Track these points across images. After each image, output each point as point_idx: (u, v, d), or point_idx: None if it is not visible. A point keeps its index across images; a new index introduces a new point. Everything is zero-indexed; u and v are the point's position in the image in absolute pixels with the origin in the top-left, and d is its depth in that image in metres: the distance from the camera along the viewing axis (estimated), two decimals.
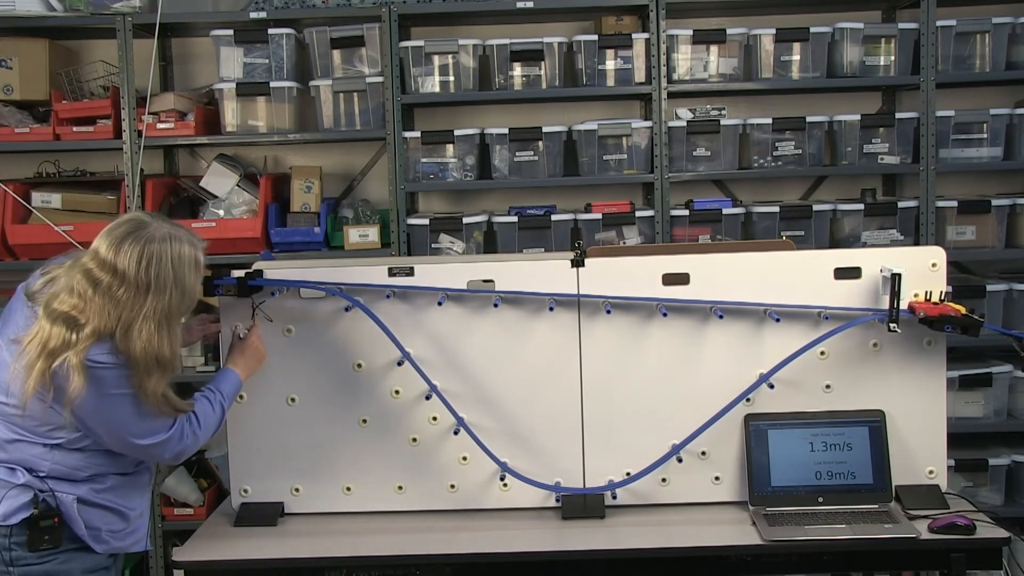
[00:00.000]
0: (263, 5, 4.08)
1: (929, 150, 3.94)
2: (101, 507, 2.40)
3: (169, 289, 2.31)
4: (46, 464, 2.33)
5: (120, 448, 2.38)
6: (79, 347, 2.24)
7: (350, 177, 4.37)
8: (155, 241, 2.32)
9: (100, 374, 2.27)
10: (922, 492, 2.82)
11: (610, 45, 3.97)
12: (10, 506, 2.30)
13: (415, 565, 2.66)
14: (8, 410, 2.33)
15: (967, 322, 2.67)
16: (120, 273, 2.28)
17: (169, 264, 2.32)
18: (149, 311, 2.29)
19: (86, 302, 2.27)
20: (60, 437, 2.33)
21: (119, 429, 2.34)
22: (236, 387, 2.70)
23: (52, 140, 3.98)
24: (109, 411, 2.31)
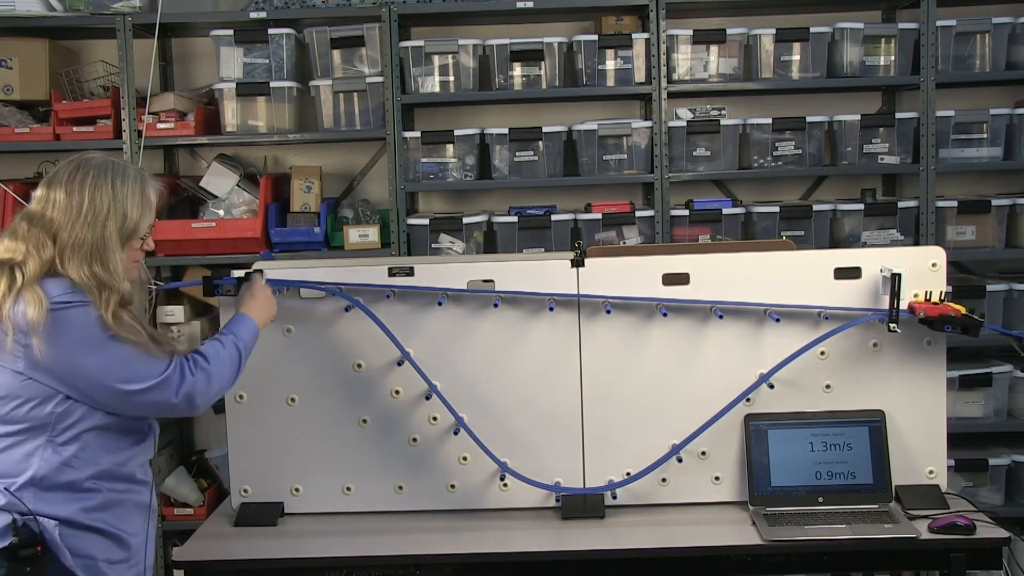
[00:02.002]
0: (263, 5, 4.08)
1: (929, 150, 3.94)
2: (94, 531, 2.16)
3: (107, 208, 2.18)
4: (29, 473, 2.10)
5: (114, 404, 2.16)
6: (27, 282, 2.10)
7: (350, 177, 4.37)
8: (93, 164, 2.22)
9: (66, 315, 2.10)
10: (922, 492, 2.82)
11: (610, 45, 3.97)
12: None
13: (415, 565, 2.66)
14: None
15: (967, 322, 2.67)
16: (53, 196, 2.18)
17: (108, 183, 2.19)
18: (85, 233, 2.15)
19: (21, 239, 2.16)
20: (46, 420, 2.12)
21: (104, 377, 2.13)
22: (252, 332, 2.49)
23: (52, 140, 3.98)
24: (88, 357, 2.11)
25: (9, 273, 2.12)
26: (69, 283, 2.14)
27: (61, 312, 2.10)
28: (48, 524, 2.08)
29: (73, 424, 2.15)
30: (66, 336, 2.10)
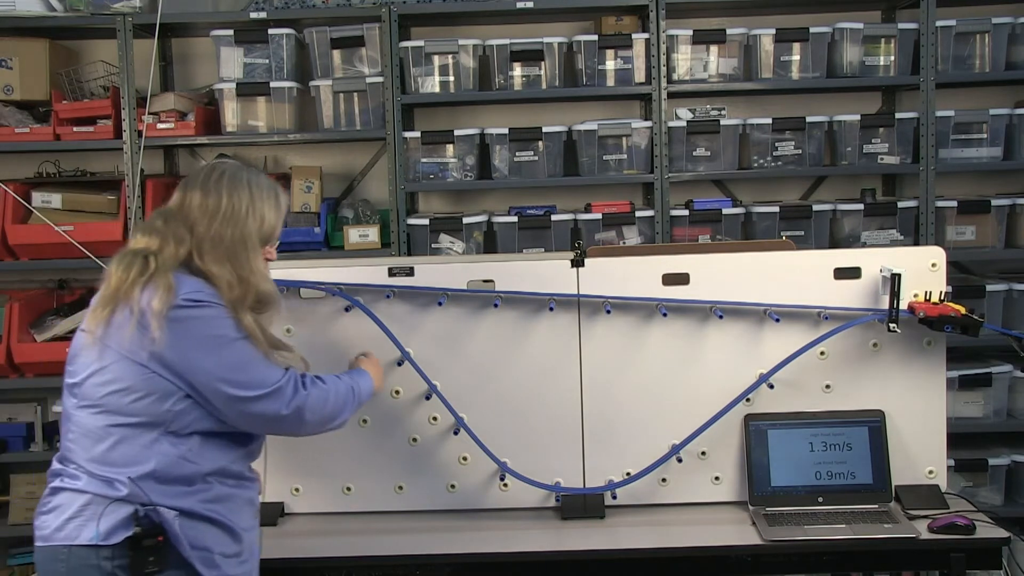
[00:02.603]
0: (263, 5, 4.08)
1: (929, 150, 3.94)
2: (211, 522, 2.13)
3: (245, 209, 2.19)
4: (150, 464, 2.08)
5: (224, 408, 2.14)
6: (160, 270, 2.09)
7: (350, 177, 4.37)
8: (228, 168, 2.24)
9: (194, 313, 2.10)
10: (922, 492, 2.82)
11: (610, 45, 3.98)
12: (110, 523, 2.05)
13: (415, 565, 2.66)
14: (103, 392, 2.09)
15: (967, 322, 2.67)
16: (189, 196, 2.19)
17: (245, 186, 2.21)
18: (224, 230, 2.16)
19: (157, 233, 2.15)
20: (164, 416, 2.09)
21: (219, 378, 2.10)
22: (368, 386, 2.47)
23: (52, 140, 3.99)
24: (207, 357, 2.10)
25: (143, 261, 2.12)
26: (204, 283, 2.14)
27: (190, 310, 2.10)
28: (168, 514, 2.08)
29: (189, 423, 2.13)
30: (191, 333, 2.10)
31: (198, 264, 2.16)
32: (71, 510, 2.08)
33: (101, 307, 2.11)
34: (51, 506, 2.12)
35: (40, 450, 4.13)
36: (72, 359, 2.18)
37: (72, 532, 2.06)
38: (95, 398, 2.10)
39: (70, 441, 2.14)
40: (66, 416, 2.17)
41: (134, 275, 2.10)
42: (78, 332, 2.20)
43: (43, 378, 4.01)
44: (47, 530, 2.10)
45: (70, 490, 2.10)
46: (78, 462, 2.11)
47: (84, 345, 2.14)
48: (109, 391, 2.09)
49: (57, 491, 2.12)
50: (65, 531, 2.07)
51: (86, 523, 2.06)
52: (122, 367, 2.09)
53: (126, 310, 2.09)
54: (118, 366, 2.09)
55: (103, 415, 2.10)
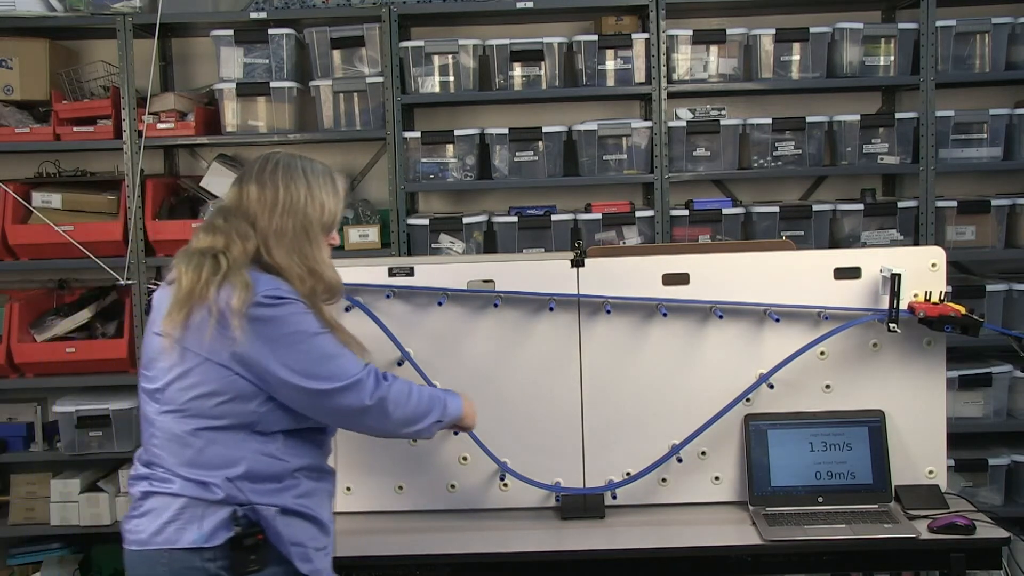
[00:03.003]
0: (263, 5, 4.08)
1: (929, 150, 3.94)
2: (303, 517, 2.14)
3: (304, 198, 2.17)
4: (243, 464, 2.08)
5: (304, 403, 2.12)
6: (233, 267, 2.07)
7: (350, 177, 4.37)
8: (281, 158, 2.22)
9: (275, 311, 2.08)
10: (922, 492, 2.82)
11: (610, 45, 3.97)
12: (210, 526, 2.05)
13: (415, 565, 2.66)
14: (187, 396, 2.08)
15: (967, 322, 2.67)
16: (246, 190, 2.17)
17: (301, 174, 2.19)
18: (286, 222, 2.14)
19: (219, 231, 2.13)
20: (251, 417, 2.09)
21: (299, 373, 2.09)
22: (456, 407, 2.42)
23: (52, 140, 3.98)
24: (289, 353, 2.08)
25: (213, 260, 2.09)
26: (278, 278, 2.12)
27: (270, 308, 2.08)
28: (268, 512, 2.08)
29: (274, 421, 2.13)
30: (272, 331, 2.08)
31: (267, 259, 2.14)
32: (168, 514, 2.07)
33: (176, 310, 2.07)
34: (143, 510, 2.11)
35: (40, 450, 4.13)
36: (149, 364, 2.15)
37: (172, 536, 2.06)
38: (179, 403, 2.09)
39: (156, 447, 2.12)
40: (147, 421, 2.15)
41: (207, 275, 2.07)
42: (151, 335, 2.16)
43: (43, 378, 4.01)
44: (143, 534, 2.09)
45: (164, 494, 2.09)
46: (167, 466, 2.10)
47: (162, 349, 2.11)
48: (194, 395, 2.08)
49: (148, 495, 2.11)
50: (164, 535, 2.06)
51: (185, 526, 2.06)
52: (205, 370, 2.07)
53: (203, 311, 2.06)
54: (201, 369, 2.07)
55: (190, 419, 2.09)
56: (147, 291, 3.88)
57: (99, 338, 4.03)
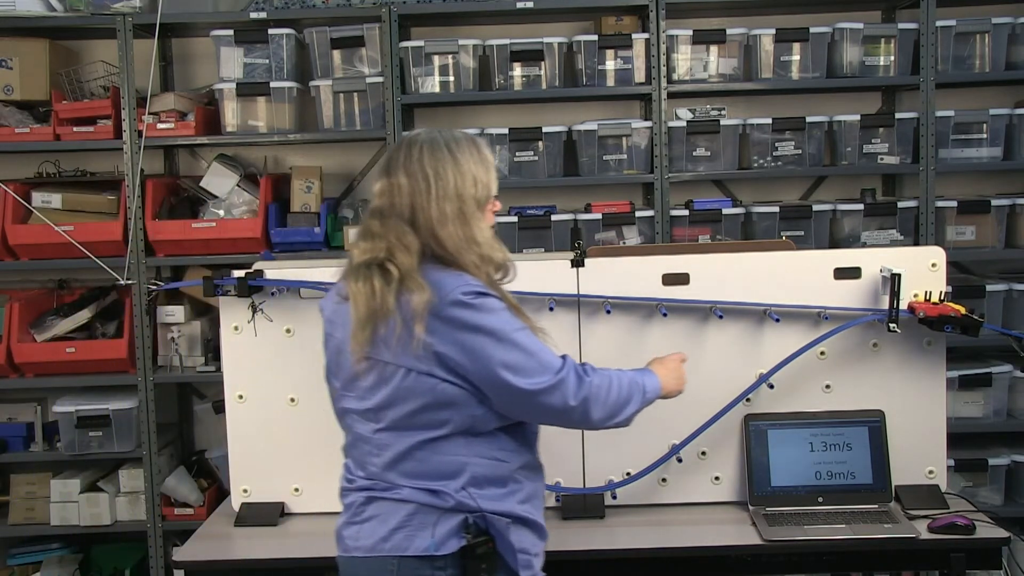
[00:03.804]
0: (263, 5, 4.08)
1: (929, 150, 3.94)
2: (527, 523, 2.09)
3: (452, 174, 2.04)
4: (468, 470, 2.03)
5: (508, 404, 2.05)
6: (406, 274, 1.98)
7: (350, 177, 4.37)
8: (421, 138, 2.09)
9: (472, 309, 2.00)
10: (922, 492, 2.82)
11: (610, 45, 3.97)
12: (442, 533, 2.01)
13: None
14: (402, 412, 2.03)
15: (967, 322, 2.67)
16: (395, 183, 2.05)
17: (445, 150, 2.06)
18: (444, 207, 2.02)
19: (377, 236, 2.03)
20: (469, 421, 2.03)
21: (504, 372, 2.00)
22: (654, 385, 2.29)
23: (52, 140, 3.98)
24: (493, 352, 2.00)
25: (380, 271, 2.01)
26: (460, 273, 2.03)
27: (470, 307, 2.00)
28: (500, 522, 2.03)
29: (491, 421, 2.07)
30: (475, 330, 2.00)
31: (440, 252, 2.05)
32: (395, 520, 2.03)
33: (360, 330, 2.01)
34: (366, 516, 2.07)
35: (40, 450, 4.13)
36: (349, 384, 2.10)
37: (401, 543, 2.02)
38: (396, 419, 2.04)
39: (374, 466, 2.08)
40: (361, 439, 2.10)
41: (380, 287, 1.99)
42: (341, 353, 2.12)
43: (43, 378, 4.01)
44: (367, 540, 2.04)
45: (389, 500, 2.05)
46: (391, 482, 2.06)
47: (361, 369, 2.05)
48: (409, 411, 2.03)
49: (372, 500, 2.07)
50: (392, 541, 2.02)
51: (416, 533, 2.02)
52: (413, 383, 2.01)
53: (390, 325, 1.99)
54: (409, 383, 2.02)
55: (410, 434, 2.04)
56: (147, 291, 3.88)
57: (99, 338, 4.03)
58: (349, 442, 2.18)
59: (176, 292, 4.05)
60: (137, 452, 3.99)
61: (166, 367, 4.03)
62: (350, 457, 2.18)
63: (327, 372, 2.26)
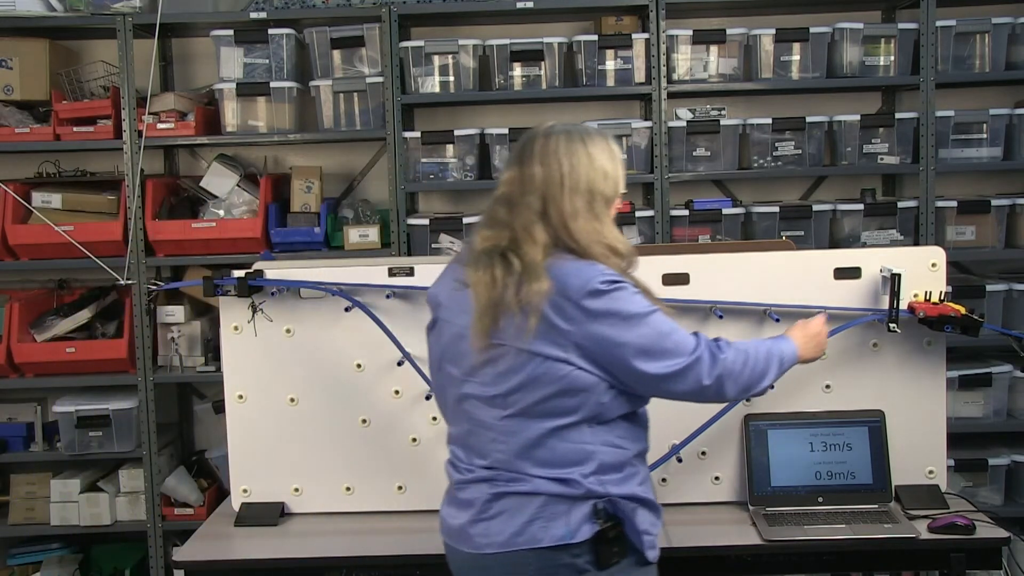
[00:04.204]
0: (263, 5, 4.08)
1: (929, 150, 3.94)
2: (647, 504, 2.11)
3: (585, 168, 2.06)
4: (596, 457, 2.04)
5: (644, 386, 2.08)
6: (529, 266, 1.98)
7: (350, 177, 4.37)
8: (555, 131, 2.12)
9: (608, 297, 2.00)
10: (922, 492, 2.82)
11: (610, 45, 3.97)
12: (575, 521, 2.02)
13: (415, 565, 2.66)
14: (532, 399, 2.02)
15: (967, 322, 2.67)
16: (527, 172, 2.06)
17: (580, 142, 2.09)
18: (576, 201, 2.03)
19: (501, 225, 2.04)
20: (597, 409, 2.05)
21: (639, 356, 2.03)
22: (792, 353, 2.32)
23: (52, 140, 3.98)
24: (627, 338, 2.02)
25: (502, 260, 2.01)
26: (591, 262, 2.03)
27: (607, 295, 2.01)
28: (627, 505, 2.06)
29: (615, 408, 2.08)
30: (613, 317, 2.01)
31: (570, 244, 2.05)
32: (527, 513, 2.03)
33: (482, 318, 2.02)
34: (494, 512, 2.06)
35: (40, 450, 4.13)
36: (474, 370, 2.08)
37: (536, 534, 2.02)
38: (525, 406, 2.04)
39: (500, 451, 2.06)
40: (482, 425, 2.09)
41: (501, 276, 2.00)
42: (457, 339, 2.10)
43: (43, 378, 4.01)
44: (500, 536, 2.04)
45: (518, 494, 2.05)
46: (517, 469, 2.05)
47: (490, 356, 2.04)
48: (540, 397, 2.03)
49: (499, 496, 2.06)
50: (527, 534, 2.02)
51: (549, 523, 2.02)
52: (544, 370, 2.02)
53: (513, 313, 2.00)
54: (540, 371, 2.02)
55: (539, 420, 2.04)
56: (147, 291, 3.88)
57: (99, 338, 4.03)
58: (463, 431, 2.15)
59: (176, 292, 4.05)
60: (137, 452, 3.99)
61: (166, 367, 4.03)
62: (462, 446, 2.16)
63: (439, 359, 2.21)
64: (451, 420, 2.21)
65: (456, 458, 2.18)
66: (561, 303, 2.00)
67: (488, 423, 2.08)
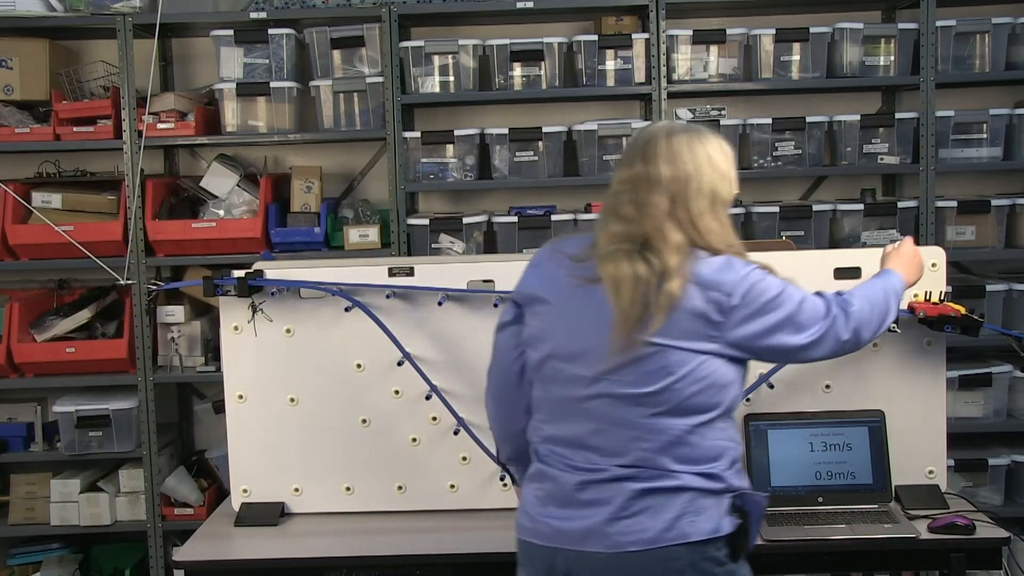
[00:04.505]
0: (263, 5, 4.08)
1: (929, 150, 3.94)
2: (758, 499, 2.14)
3: (706, 167, 2.06)
4: (729, 452, 2.08)
5: (797, 355, 2.15)
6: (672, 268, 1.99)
7: (350, 177, 4.37)
8: (677, 130, 2.11)
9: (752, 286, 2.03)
10: (922, 492, 2.82)
11: (610, 45, 3.97)
12: (720, 515, 2.04)
13: (415, 565, 2.66)
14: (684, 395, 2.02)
15: (967, 322, 2.67)
16: (654, 168, 2.05)
17: (701, 145, 2.08)
18: (701, 201, 2.05)
19: (629, 220, 2.04)
20: (733, 401, 2.09)
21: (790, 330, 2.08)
22: (900, 283, 2.37)
23: (52, 140, 3.98)
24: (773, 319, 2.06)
25: (641, 258, 2.02)
26: (730, 257, 2.06)
27: (750, 285, 2.04)
28: (759, 497, 2.10)
29: (737, 402, 2.13)
30: (760, 304, 2.04)
31: (699, 243, 2.06)
32: (675, 509, 2.03)
33: (627, 317, 2.00)
34: (637, 509, 2.03)
35: (40, 450, 4.13)
36: (613, 369, 2.04)
37: (686, 529, 2.02)
38: (675, 403, 2.03)
39: (642, 450, 2.04)
40: (623, 424, 2.05)
41: (645, 273, 2.00)
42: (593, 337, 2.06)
43: (43, 378, 4.01)
44: (648, 533, 2.02)
45: (664, 490, 2.03)
46: (662, 467, 2.04)
47: (636, 356, 2.02)
48: (691, 393, 2.03)
49: (645, 493, 2.03)
50: (676, 530, 2.02)
51: (697, 518, 2.03)
52: (695, 366, 2.03)
53: (663, 311, 2.00)
54: (691, 367, 2.03)
55: (685, 417, 2.04)
56: (147, 291, 3.88)
57: (99, 338, 4.03)
58: (586, 430, 2.08)
59: (176, 292, 4.05)
60: (137, 452, 3.99)
61: (166, 367, 4.03)
62: (578, 446, 2.09)
63: (545, 357, 2.14)
64: (560, 418, 2.13)
65: (564, 458, 2.11)
66: (713, 298, 2.02)
67: (630, 421, 2.05)
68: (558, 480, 2.11)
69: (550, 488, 2.12)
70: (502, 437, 2.38)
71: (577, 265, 2.10)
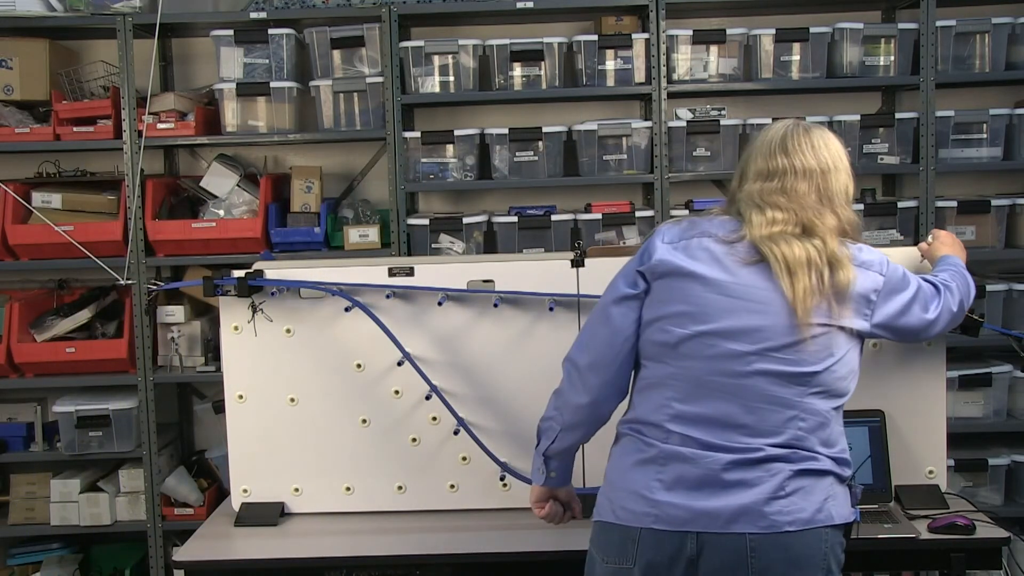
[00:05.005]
0: (263, 5, 4.08)
1: (929, 150, 3.94)
2: None
3: (843, 164, 2.24)
4: (843, 437, 2.16)
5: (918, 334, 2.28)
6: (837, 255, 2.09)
7: (350, 177, 4.37)
8: (805, 126, 2.27)
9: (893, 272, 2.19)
10: (922, 492, 2.82)
11: (610, 45, 3.97)
12: (851, 500, 2.13)
13: (415, 565, 2.66)
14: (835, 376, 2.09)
15: (967, 322, 2.66)
16: (803, 163, 2.19)
17: (832, 141, 2.26)
18: (840, 191, 2.20)
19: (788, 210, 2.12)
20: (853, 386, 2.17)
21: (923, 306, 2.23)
22: (963, 264, 2.50)
23: (52, 140, 3.98)
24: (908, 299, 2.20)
25: (809, 241, 2.09)
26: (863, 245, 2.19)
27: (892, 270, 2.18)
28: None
29: None
30: (899, 288, 2.19)
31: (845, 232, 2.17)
32: (823, 491, 2.07)
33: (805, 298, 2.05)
34: (792, 489, 2.04)
35: (40, 450, 4.13)
36: (780, 347, 2.06)
37: (830, 512, 2.07)
38: (828, 384, 2.09)
39: (800, 429, 2.07)
40: (781, 403, 2.06)
41: (814, 253, 2.07)
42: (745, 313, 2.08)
43: (43, 378, 4.01)
44: (803, 513, 2.04)
45: (814, 472, 2.07)
46: (809, 447, 2.08)
47: (806, 335, 2.05)
48: (841, 375, 2.11)
49: (800, 474, 2.06)
50: (824, 512, 2.06)
51: (836, 502, 2.09)
52: (849, 350, 2.12)
53: (833, 294, 2.08)
54: (846, 350, 2.11)
55: (831, 399, 2.11)
56: (147, 291, 3.88)
57: (99, 338, 4.03)
58: (737, 408, 2.07)
59: (176, 292, 4.05)
60: (137, 452, 3.99)
61: (166, 367, 4.03)
62: (735, 425, 2.07)
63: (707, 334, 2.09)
64: (701, 396, 2.09)
65: (702, 439, 2.07)
66: (872, 279, 2.14)
67: (789, 400, 2.06)
68: (696, 461, 2.07)
69: (681, 470, 2.07)
70: (578, 421, 2.28)
71: (731, 246, 2.13)
